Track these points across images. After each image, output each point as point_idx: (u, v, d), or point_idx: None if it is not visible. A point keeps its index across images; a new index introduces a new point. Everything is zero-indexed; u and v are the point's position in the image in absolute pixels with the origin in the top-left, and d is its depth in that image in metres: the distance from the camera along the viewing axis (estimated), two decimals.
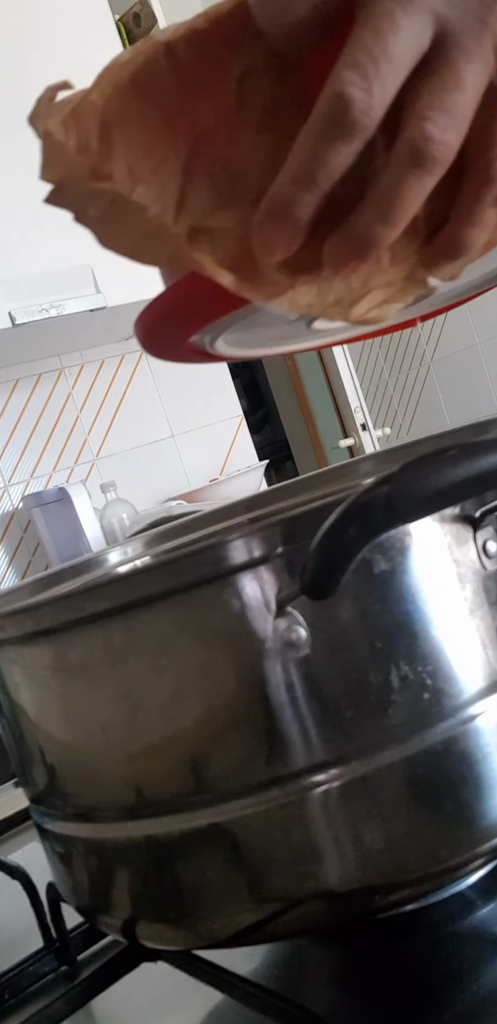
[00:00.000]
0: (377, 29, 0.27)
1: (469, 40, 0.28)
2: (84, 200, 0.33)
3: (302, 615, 0.32)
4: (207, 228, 0.31)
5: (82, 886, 0.40)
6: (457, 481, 0.29)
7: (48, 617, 0.35)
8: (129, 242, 0.32)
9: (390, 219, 0.29)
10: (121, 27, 2.25)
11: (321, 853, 0.33)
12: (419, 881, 0.34)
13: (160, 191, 0.31)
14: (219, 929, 0.35)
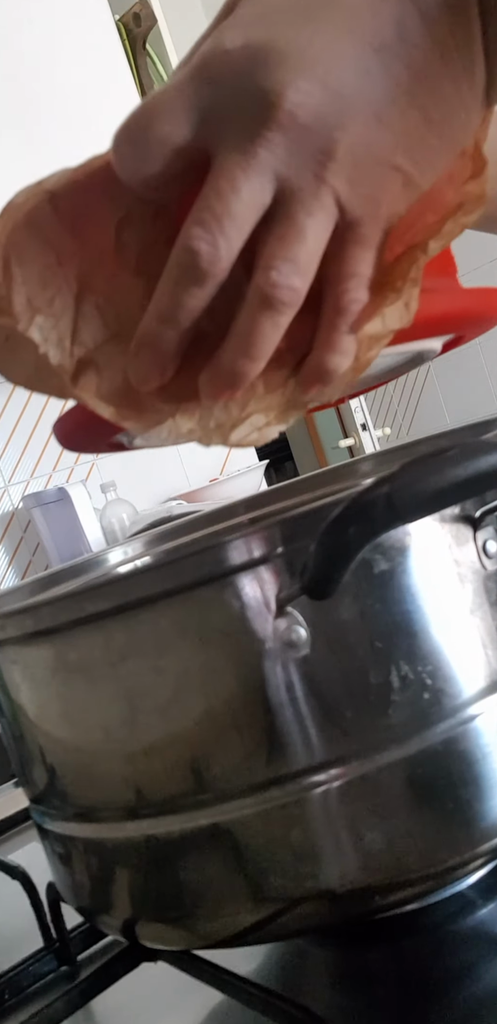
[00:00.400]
0: (219, 190, 0.30)
1: (307, 196, 0.30)
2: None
3: (302, 615, 0.32)
4: (94, 361, 0.35)
5: (82, 886, 0.40)
6: (457, 481, 0.29)
7: (48, 617, 0.35)
8: (23, 374, 0.36)
9: (251, 355, 0.32)
10: (121, 27, 2.25)
11: (321, 853, 0.33)
12: (419, 881, 0.34)
13: (56, 321, 0.35)
14: (219, 929, 0.35)
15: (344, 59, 0.29)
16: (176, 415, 0.34)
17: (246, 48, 0.29)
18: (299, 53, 0.29)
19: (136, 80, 2.26)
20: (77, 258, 0.35)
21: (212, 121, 0.30)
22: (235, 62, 0.29)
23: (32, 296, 0.34)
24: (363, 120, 0.29)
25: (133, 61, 2.29)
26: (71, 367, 0.34)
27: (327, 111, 0.29)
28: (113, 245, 0.35)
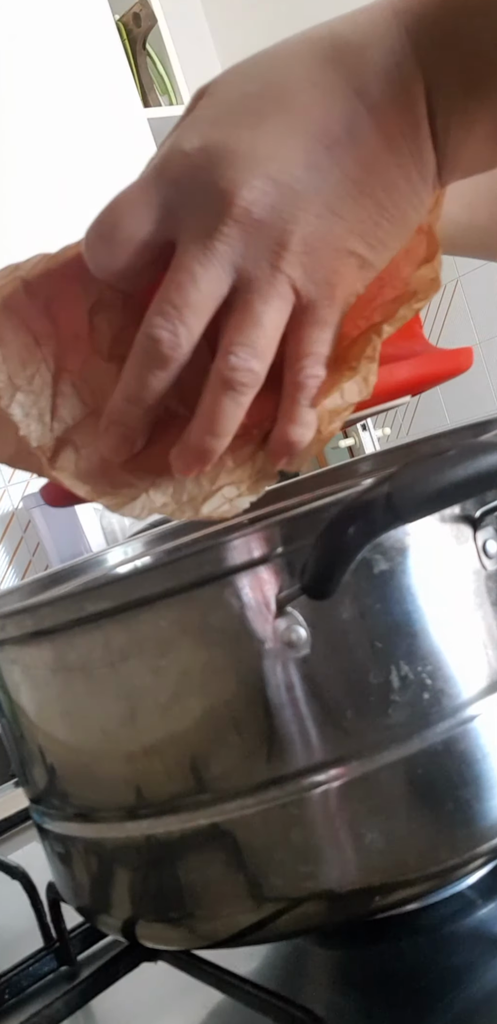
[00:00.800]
0: (179, 282, 0.32)
1: (263, 284, 0.32)
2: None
3: (302, 615, 0.32)
4: (72, 440, 0.37)
5: (82, 886, 0.40)
6: (457, 481, 0.29)
7: (48, 617, 0.35)
8: (5, 452, 0.37)
9: (215, 432, 0.34)
10: (121, 27, 2.25)
11: (321, 853, 0.33)
12: (419, 881, 0.34)
13: (36, 398, 0.36)
14: (219, 929, 0.35)
15: (295, 156, 0.31)
16: (150, 490, 0.36)
17: (202, 149, 0.31)
18: (252, 152, 0.31)
19: (136, 80, 2.26)
20: (53, 340, 0.37)
21: (173, 217, 0.32)
22: (193, 162, 0.31)
23: (13, 374, 0.36)
24: (315, 212, 0.31)
25: (133, 61, 2.29)
26: (50, 445, 0.36)
27: (280, 205, 0.31)
28: (87, 329, 0.37)
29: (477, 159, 0.33)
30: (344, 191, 0.32)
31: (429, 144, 0.32)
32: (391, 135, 0.32)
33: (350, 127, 0.31)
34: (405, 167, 0.32)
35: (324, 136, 0.31)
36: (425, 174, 0.33)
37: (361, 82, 0.31)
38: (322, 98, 0.31)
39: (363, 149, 0.32)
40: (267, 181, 0.31)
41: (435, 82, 0.32)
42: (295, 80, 0.32)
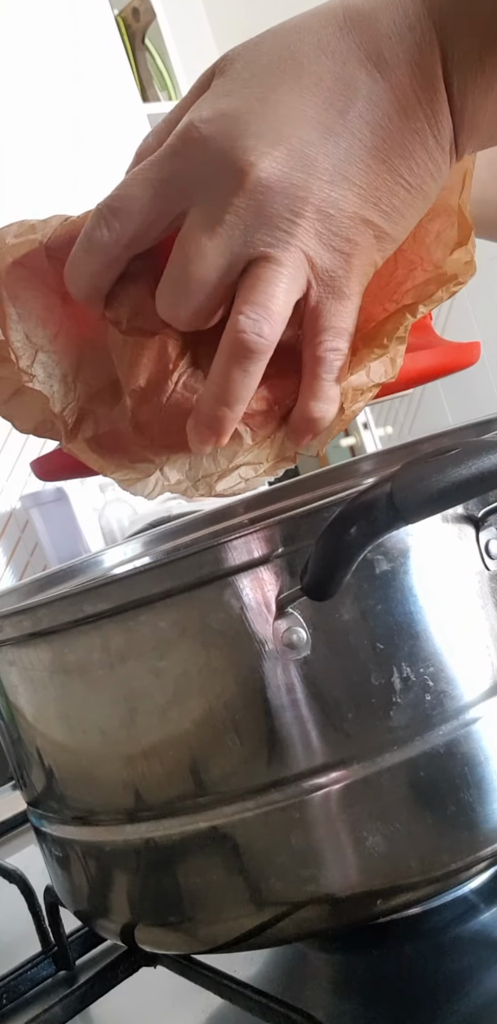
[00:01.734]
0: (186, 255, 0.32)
1: (275, 252, 0.31)
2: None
3: (303, 616, 0.32)
4: (93, 411, 0.36)
5: (80, 890, 0.40)
6: (459, 481, 0.29)
7: (46, 618, 0.35)
8: (30, 424, 0.37)
9: (226, 401, 0.33)
10: (120, 22, 2.25)
11: (322, 857, 0.33)
12: (421, 885, 0.33)
13: (59, 358, 0.36)
14: (219, 933, 0.35)
15: (308, 123, 0.31)
16: (165, 467, 0.36)
17: (212, 121, 0.31)
18: (264, 121, 0.31)
19: (135, 75, 2.26)
20: (74, 303, 0.36)
21: (185, 190, 0.32)
22: (204, 134, 0.31)
23: (30, 333, 0.35)
24: (328, 178, 0.31)
25: (132, 56, 2.28)
26: (74, 414, 0.36)
27: (292, 173, 0.31)
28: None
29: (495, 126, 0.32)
30: (358, 157, 0.31)
31: (445, 108, 0.31)
32: (406, 99, 0.31)
33: (363, 92, 0.31)
34: (421, 132, 0.31)
35: (337, 101, 0.31)
36: (442, 140, 0.32)
37: (374, 47, 0.31)
38: (334, 65, 0.31)
39: (377, 113, 0.31)
40: (279, 148, 0.30)
41: (451, 45, 0.31)
42: (307, 50, 0.32)
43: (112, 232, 0.33)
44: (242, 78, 0.32)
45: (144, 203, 0.32)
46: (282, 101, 0.31)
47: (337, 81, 0.31)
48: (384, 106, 0.31)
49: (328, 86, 0.31)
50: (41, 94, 2.04)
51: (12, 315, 0.35)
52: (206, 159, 0.31)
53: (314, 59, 0.31)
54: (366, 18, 0.31)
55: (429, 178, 0.32)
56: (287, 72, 0.31)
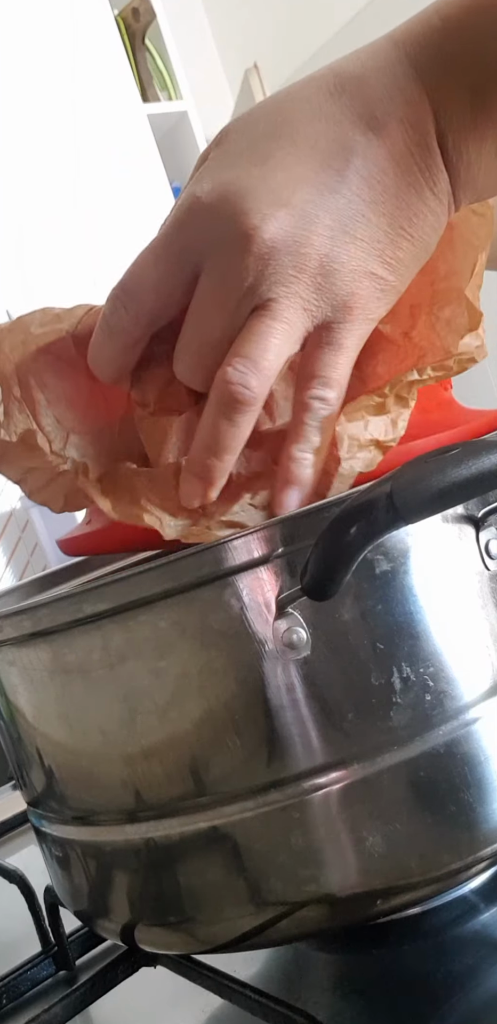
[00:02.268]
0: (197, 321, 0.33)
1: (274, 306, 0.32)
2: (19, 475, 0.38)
3: (303, 616, 0.32)
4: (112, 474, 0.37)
5: (80, 890, 0.40)
6: (459, 481, 0.29)
7: (46, 618, 0.35)
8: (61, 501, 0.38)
9: (214, 451, 0.33)
10: (120, 22, 2.25)
11: (322, 857, 0.33)
12: (421, 885, 0.33)
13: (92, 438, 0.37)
14: (219, 933, 0.35)
15: (306, 183, 0.32)
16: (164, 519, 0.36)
17: (215, 191, 0.32)
18: (264, 185, 0.32)
19: (135, 75, 2.25)
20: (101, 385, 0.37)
21: (194, 262, 0.33)
22: (207, 205, 0.32)
23: (60, 417, 0.36)
24: (330, 234, 0.32)
25: (132, 56, 2.28)
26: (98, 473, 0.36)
27: (295, 231, 0.31)
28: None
29: (492, 177, 0.33)
30: (358, 212, 0.32)
31: (440, 162, 0.33)
32: (400, 155, 0.32)
33: (358, 150, 0.32)
34: (417, 185, 0.32)
35: (333, 161, 0.32)
36: (439, 192, 0.33)
37: (366, 109, 0.32)
38: (328, 127, 0.32)
39: (373, 170, 0.32)
40: (281, 210, 0.31)
41: (441, 104, 0.32)
42: (301, 115, 0.33)
43: (129, 313, 0.34)
44: (240, 148, 0.33)
45: (156, 280, 0.33)
46: (280, 165, 0.32)
47: (332, 142, 0.32)
48: (380, 162, 0.32)
49: (323, 147, 0.32)
50: (41, 94, 2.04)
51: (41, 401, 0.36)
52: (211, 227, 0.32)
53: (308, 123, 0.32)
54: (356, 82, 0.33)
55: (429, 228, 0.33)
56: (283, 138, 0.32)
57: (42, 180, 2.02)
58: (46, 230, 2.01)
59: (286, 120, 0.33)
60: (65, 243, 2.03)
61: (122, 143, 2.15)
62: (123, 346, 0.35)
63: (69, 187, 2.05)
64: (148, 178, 2.18)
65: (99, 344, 0.35)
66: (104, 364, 0.36)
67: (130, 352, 0.35)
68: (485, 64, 0.32)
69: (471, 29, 0.32)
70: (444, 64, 0.32)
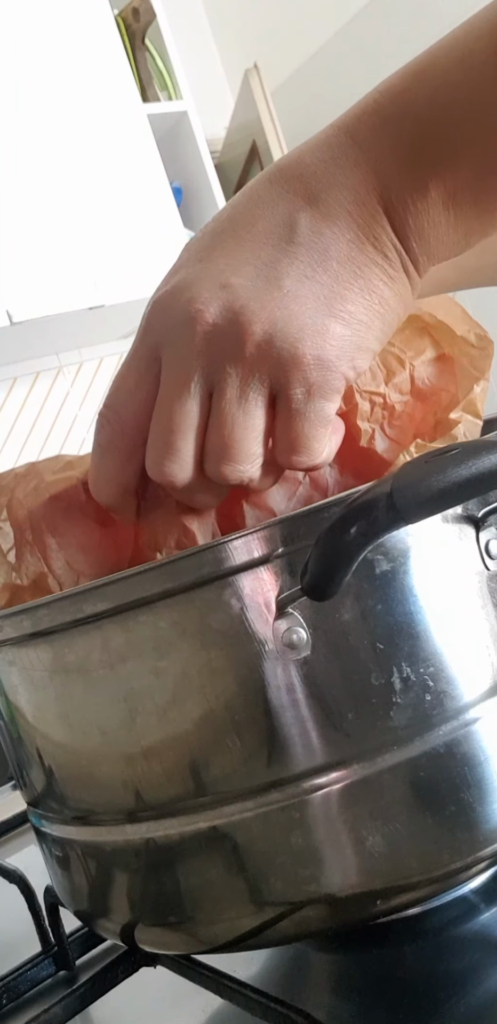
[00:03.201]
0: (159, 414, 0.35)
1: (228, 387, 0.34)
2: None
3: (303, 616, 0.32)
4: None
5: (80, 890, 0.40)
6: (459, 481, 0.29)
7: (46, 618, 0.35)
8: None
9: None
10: (120, 22, 2.24)
11: (322, 857, 0.33)
12: (421, 885, 0.33)
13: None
14: (219, 933, 0.35)
15: (246, 263, 0.33)
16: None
17: (166, 290, 0.35)
18: (207, 275, 0.33)
19: (135, 75, 2.25)
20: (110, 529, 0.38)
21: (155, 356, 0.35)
22: (161, 305, 0.34)
23: (71, 560, 0.38)
24: (271, 303, 0.33)
25: (132, 56, 2.28)
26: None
27: (234, 307, 0.33)
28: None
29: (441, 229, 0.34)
30: (299, 274, 0.33)
31: (380, 218, 0.33)
32: (337, 216, 0.33)
33: (297, 223, 0.33)
34: (358, 242, 0.33)
35: (272, 238, 0.33)
36: (383, 247, 0.34)
37: (301, 186, 0.34)
38: (266, 210, 0.34)
39: (311, 236, 0.33)
40: (221, 291, 0.33)
41: (380, 162, 0.33)
42: (242, 207, 0.35)
43: (115, 425, 0.36)
44: (189, 251, 0.35)
45: (132, 387, 0.35)
46: (222, 254, 0.34)
47: (271, 223, 0.34)
48: (317, 227, 0.33)
49: (262, 229, 0.34)
50: (41, 93, 2.04)
51: (52, 545, 0.38)
52: (165, 322, 0.34)
53: (248, 212, 0.34)
54: (293, 164, 0.34)
55: (381, 283, 0.34)
56: (225, 231, 0.34)
57: (42, 180, 2.02)
58: (46, 230, 2.01)
59: (229, 215, 0.35)
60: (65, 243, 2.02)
61: (122, 143, 2.15)
62: (118, 462, 0.36)
63: (69, 186, 2.05)
64: (148, 178, 2.18)
65: (95, 466, 0.37)
66: (103, 485, 0.37)
67: (126, 467, 0.36)
68: (420, 121, 0.33)
69: (407, 92, 0.33)
70: (381, 128, 0.33)
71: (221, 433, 0.34)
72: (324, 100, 2.85)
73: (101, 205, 2.09)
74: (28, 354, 2.23)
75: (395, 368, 0.39)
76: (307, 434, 0.34)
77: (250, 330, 0.33)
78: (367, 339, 0.34)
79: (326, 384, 0.34)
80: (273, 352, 0.33)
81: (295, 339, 0.33)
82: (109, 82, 2.16)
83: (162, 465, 0.35)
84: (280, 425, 0.34)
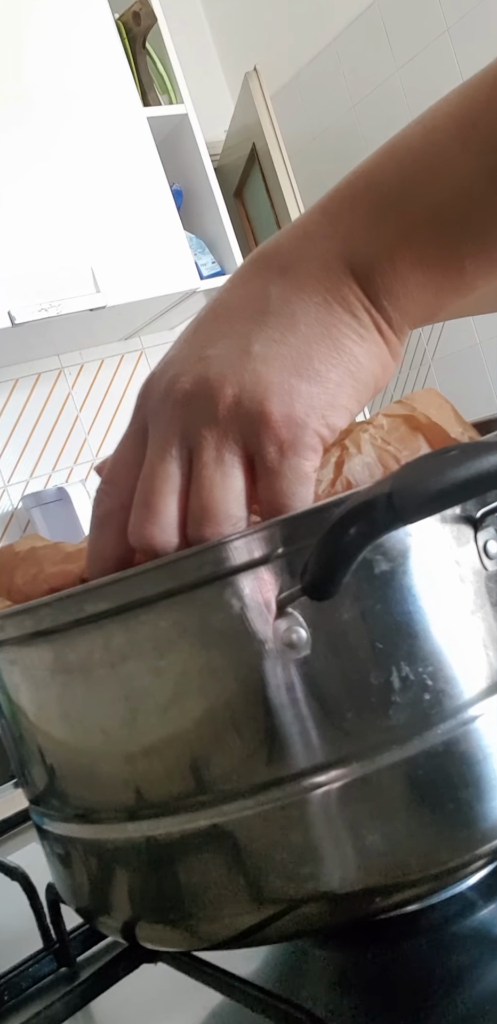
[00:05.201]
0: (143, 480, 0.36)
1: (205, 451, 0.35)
2: None
3: (303, 616, 0.32)
4: None
5: (82, 887, 0.40)
6: (458, 481, 0.29)
7: (48, 618, 0.35)
8: None
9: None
10: (121, 26, 2.25)
11: (321, 854, 0.33)
12: (420, 882, 0.34)
13: None
14: (219, 930, 0.35)
15: (222, 336, 0.35)
16: None
17: (155, 371, 0.37)
18: (188, 349, 0.36)
19: (136, 79, 2.26)
20: None
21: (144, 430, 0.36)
22: (148, 383, 0.37)
23: None
24: (241, 367, 0.34)
25: (133, 60, 2.29)
26: None
27: (208, 375, 0.34)
28: None
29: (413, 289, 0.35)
30: (268, 339, 0.34)
31: (348, 280, 0.35)
32: (305, 283, 0.35)
33: (269, 295, 0.35)
34: (326, 305, 0.35)
35: (244, 311, 0.35)
36: (351, 307, 0.35)
37: (276, 262, 0.36)
38: (243, 288, 0.36)
39: (281, 305, 0.35)
40: (198, 363, 0.35)
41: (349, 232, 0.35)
42: (224, 291, 0.37)
43: (113, 499, 0.37)
44: (179, 337, 0.37)
45: (130, 461, 0.36)
46: (203, 331, 0.36)
47: (244, 299, 0.36)
48: (287, 296, 0.35)
49: (237, 305, 0.36)
50: (42, 96, 2.04)
51: None
52: (150, 397, 0.36)
53: (228, 294, 0.36)
54: (271, 246, 0.36)
55: (350, 343, 0.35)
56: (207, 314, 0.37)
57: (44, 181, 2.02)
58: (48, 231, 2.01)
59: (213, 300, 0.37)
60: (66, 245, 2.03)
61: (123, 146, 2.16)
62: (115, 533, 0.37)
63: (70, 188, 2.05)
64: (148, 180, 2.19)
65: (93, 540, 0.38)
66: (99, 560, 0.37)
67: (123, 541, 0.36)
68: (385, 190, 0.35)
69: (376, 168, 0.35)
70: (350, 201, 0.36)
71: (200, 495, 0.34)
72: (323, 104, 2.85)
73: (102, 207, 2.10)
74: (29, 355, 2.24)
75: (392, 466, 0.39)
76: (286, 492, 0.34)
77: (221, 393, 0.34)
78: (338, 397, 0.35)
79: (297, 441, 0.34)
80: (242, 412, 0.34)
81: (262, 398, 0.34)
82: (110, 86, 2.16)
83: (142, 528, 0.35)
84: (260, 486, 0.35)
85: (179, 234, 2.20)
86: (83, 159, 2.08)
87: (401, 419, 0.41)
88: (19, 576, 0.40)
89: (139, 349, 2.45)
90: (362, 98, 2.71)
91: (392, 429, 0.40)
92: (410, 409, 0.41)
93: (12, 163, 1.99)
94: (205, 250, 2.42)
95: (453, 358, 2.76)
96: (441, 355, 2.78)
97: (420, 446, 0.40)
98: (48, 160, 2.04)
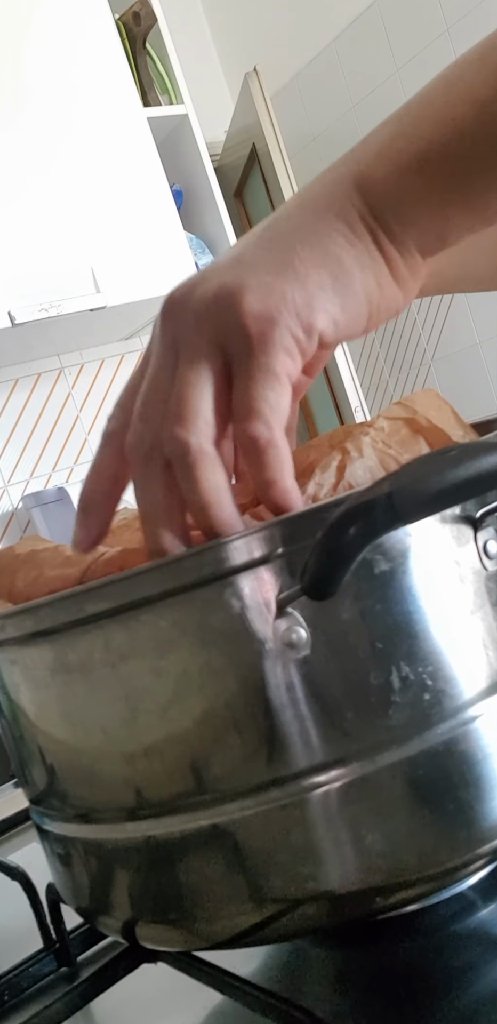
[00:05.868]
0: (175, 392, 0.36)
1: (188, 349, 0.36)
2: None
3: (302, 616, 0.32)
4: None
5: (82, 887, 0.40)
6: (458, 481, 0.29)
7: (48, 617, 0.35)
8: None
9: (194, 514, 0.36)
10: (121, 26, 2.25)
11: (321, 854, 0.33)
12: (420, 882, 0.34)
13: None
14: (219, 930, 0.35)
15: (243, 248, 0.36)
16: None
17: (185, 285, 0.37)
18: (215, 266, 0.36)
19: (136, 79, 2.26)
20: None
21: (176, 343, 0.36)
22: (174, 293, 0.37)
23: None
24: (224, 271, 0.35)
25: (133, 60, 2.29)
26: None
27: (194, 281, 0.35)
28: None
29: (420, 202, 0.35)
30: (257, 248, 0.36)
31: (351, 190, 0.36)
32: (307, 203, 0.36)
33: (274, 217, 0.37)
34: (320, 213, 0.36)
35: (253, 233, 0.37)
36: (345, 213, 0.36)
37: (299, 195, 0.37)
38: (269, 220, 0.37)
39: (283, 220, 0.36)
40: (196, 278, 0.36)
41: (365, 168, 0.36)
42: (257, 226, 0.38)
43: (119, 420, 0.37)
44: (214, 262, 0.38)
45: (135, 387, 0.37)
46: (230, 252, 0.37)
47: (267, 224, 0.37)
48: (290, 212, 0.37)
49: (259, 231, 0.37)
50: (42, 97, 2.04)
51: None
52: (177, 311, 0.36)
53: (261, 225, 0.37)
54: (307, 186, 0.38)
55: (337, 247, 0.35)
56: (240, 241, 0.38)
57: (44, 182, 2.02)
58: (48, 232, 2.01)
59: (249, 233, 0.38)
60: (66, 245, 2.03)
61: (123, 146, 2.16)
62: (114, 452, 0.37)
63: (71, 189, 2.06)
64: (148, 180, 2.19)
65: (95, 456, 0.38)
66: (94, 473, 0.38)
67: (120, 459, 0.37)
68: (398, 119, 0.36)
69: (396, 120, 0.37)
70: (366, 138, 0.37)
71: (174, 393, 0.34)
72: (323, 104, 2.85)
73: (102, 207, 2.10)
74: (30, 356, 2.24)
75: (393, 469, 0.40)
76: (256, 395, 0.34)
77: (204, 299, 0.34)
78: (317, 298, 0.35)
79: (267, 338, 0.34)
80: (215, 309, 0.34)
81: (236, 292, 0.34)
82: (110, 86, 2.16)
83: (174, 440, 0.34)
84: (234, 393, 0.34)
85: (179, 234, 2.20)
86: (83, 159, 2.08)
87: (402, 422, 0.41)
88: (20, 579, 0.40)
89: (139, 349, 2.45)
90: (362, 98, 2.71)
91: (393, 432, 0.40)
92: (411, 412, 0.41)
93: (12, 163, 1.99)
94: (205, 250, 2.42)
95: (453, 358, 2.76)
96: (441, 355, 2.78)
97: (421, 449, 0.40)
98: (48, 160, 2.04)
